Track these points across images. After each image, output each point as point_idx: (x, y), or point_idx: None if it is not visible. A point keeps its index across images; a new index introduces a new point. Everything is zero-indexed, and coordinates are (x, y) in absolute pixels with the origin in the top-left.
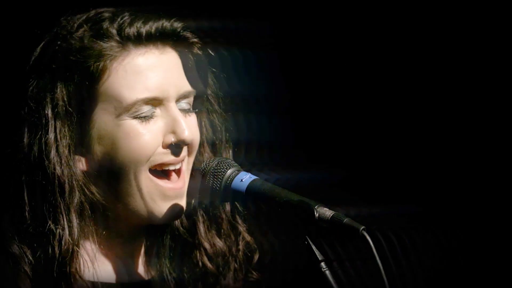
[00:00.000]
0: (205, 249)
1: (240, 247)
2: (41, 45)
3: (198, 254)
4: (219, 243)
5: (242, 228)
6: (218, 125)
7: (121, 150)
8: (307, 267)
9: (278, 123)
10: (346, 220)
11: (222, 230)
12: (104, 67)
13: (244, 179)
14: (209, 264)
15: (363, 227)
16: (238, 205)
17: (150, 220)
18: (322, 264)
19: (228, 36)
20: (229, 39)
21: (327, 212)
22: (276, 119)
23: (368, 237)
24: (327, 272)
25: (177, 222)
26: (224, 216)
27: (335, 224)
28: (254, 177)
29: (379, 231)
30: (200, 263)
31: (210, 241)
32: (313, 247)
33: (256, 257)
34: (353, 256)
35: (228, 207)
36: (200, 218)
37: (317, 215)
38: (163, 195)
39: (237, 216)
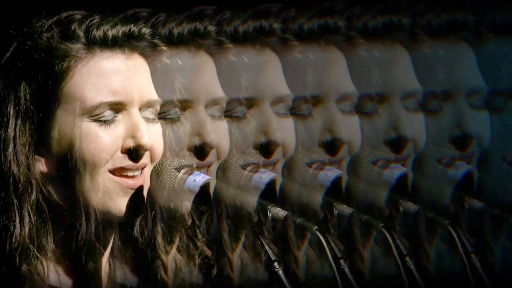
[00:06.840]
0: (162, 262)
1: (198, 261)
2: (12, 45)
3: (155, 267)
4: (177, 256)
5: (201, 242)
6: (183, 134)
7: (78, 152)
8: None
9: None
10: (299, 220)
11: (181, 244)
12: (68, 67)
13: (197, 179)
14: (165, 278)
15: (316, 227)
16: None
17: (107, 217)
18: (275, 264)
19: None
20: None
21: (280, 212)
22: None
23: (321, 237)
24: (280, 272)
25: (136, 233)
26: (183, 229)
27: (288, 224)
28: (207, 177)
29: None
30: (158, 276)
31: (169, 254)
32: (266, 247)
33: (214, 272)
34: None
35: (189, 220)
36: (159, 230)
37: (270, 215)
38: (121, 192)
39: (197, 230)
